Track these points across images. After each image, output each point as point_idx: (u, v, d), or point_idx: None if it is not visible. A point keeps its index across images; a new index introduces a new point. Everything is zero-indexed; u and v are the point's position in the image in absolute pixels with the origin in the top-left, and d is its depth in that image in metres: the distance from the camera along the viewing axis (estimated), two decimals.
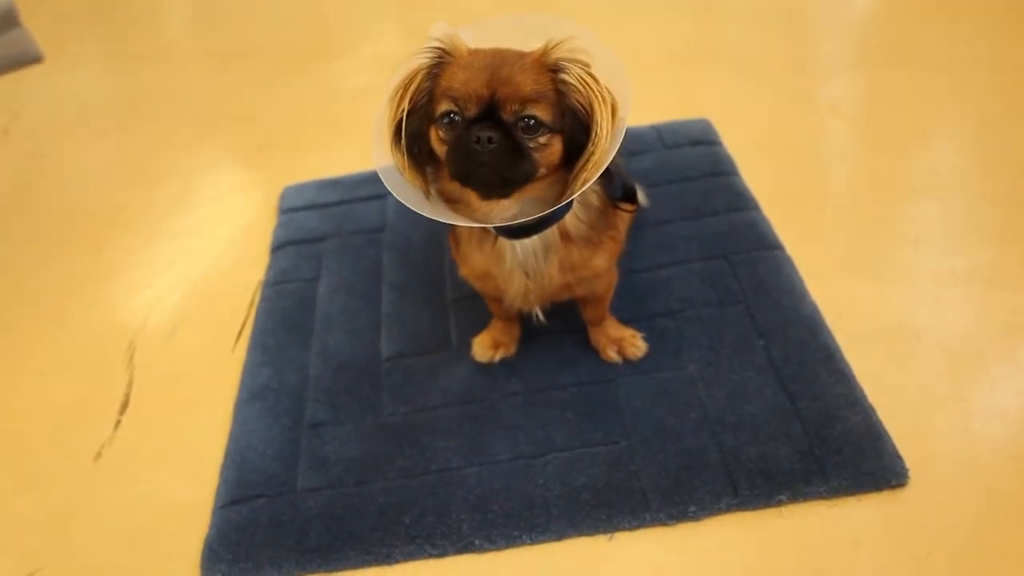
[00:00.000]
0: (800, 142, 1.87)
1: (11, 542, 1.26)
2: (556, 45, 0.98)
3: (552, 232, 1.11)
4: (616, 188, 1.17)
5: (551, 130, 0.98)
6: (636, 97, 1.00)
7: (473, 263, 1.19)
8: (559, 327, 1.42)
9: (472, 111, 0.97)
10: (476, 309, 1.46)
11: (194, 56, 2.74)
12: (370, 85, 2.32)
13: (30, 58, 2.72)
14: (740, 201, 1.65)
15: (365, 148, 2.07)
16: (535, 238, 1.11)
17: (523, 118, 0.96)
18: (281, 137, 2.16)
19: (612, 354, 1.36)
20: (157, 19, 3.02)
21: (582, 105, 0.97)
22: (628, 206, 1.22)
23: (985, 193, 1.62)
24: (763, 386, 1.28)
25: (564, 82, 0.97)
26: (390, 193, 1.03)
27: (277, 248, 1.73)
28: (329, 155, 2.04)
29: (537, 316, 1.29)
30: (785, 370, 1.30)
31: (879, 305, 1.41)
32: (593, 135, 0.97)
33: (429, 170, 1.08)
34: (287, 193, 1.89)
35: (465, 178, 1.00)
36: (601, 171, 0.97)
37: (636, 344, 1.36)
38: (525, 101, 0.96)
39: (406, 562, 1.14)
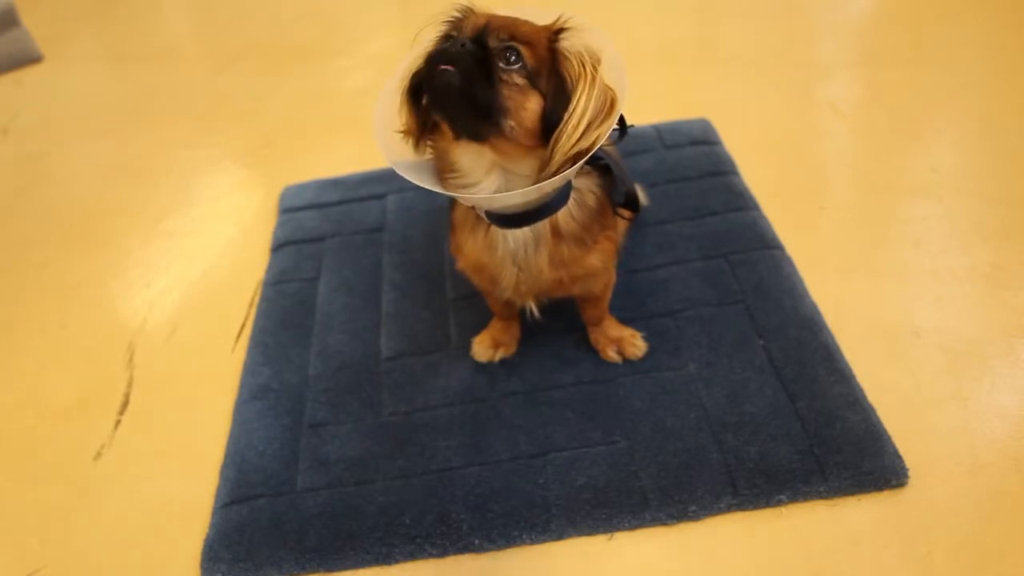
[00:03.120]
0: (800, 141, 1.87)
1: (11, 542, 1.26)
2: (568, 19, 1.00)
3: (543, 226, 1.11)
4: (619, 194, 1.17)
5: (530, 79, 0.97)
6: (636, 97, 1.00)
7: (467, 251, 1.19)
8: (559, 327, 1.42)
9: (466, 34, 0.97)
10: (476, 309, 1.46)
11: (194, 56, 2.74)
12: (370, 85, 2.32)
13: (30, 58, 2.73)
14: (740, 201, 1.65)
15: (365, 147, 2.08)
16: (526, 230, 1.11)
17: (507, 48, 0.96)
18: (281, 136, 2.16)
19: (612, 354, 1.35)
20: (157, 19, 3.02)
21: (570, 77, 0.97)
22: (627, 213, 1.22)
23: (985, 193, 1.62)
24: (763, 386, 1.28)
25: (560, 50, 0.98)
26: (390, 193, 1.03)
27: (277, 248, 1.73)
28: (329, 155, 2.04)
29: (531, 312, 1.28)
30: (785, 370, 1.30)
31: (879, 304, 1.41)
32: (572, 106, 0.96)
33: (429, 143, 1.07)
34: (287, 193, 1.89)
35: (431, 81, 0.97)
36: (577, 150, 0.95)
37: (636, 344, 1.36)
38: (514, 36, 0.97)
39: (406, 562, 1.14)
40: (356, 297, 1.58)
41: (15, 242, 1.93)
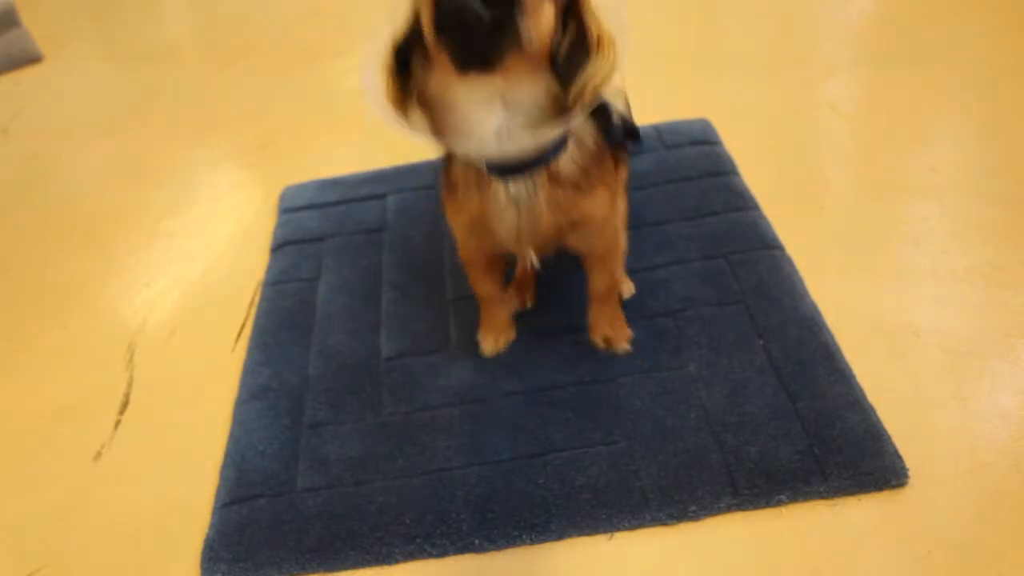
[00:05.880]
0: (800, 142, 1.87)
1: (11, 542, 1.26)
2: None
3: (542, 169, 1.10)
4: (616, 134, 1.16)
5: None
6: (636, 97, 1.00)
7: (469, 206, 1.16)
8: (559, 327, 1.42)
9: None
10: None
11: (194, 56, 2.74)
12: None
13: (30, 58, 2.73)
14: (740, 201, 1.65)
15: (365, 147, 2.08)
16: (527, 175, 1.10)
17: None
18: (281, 136, 2.16)
19: (598, 338, 1.36)
20: (157, 19, 3.02)
21: (593, 33, 0.97)
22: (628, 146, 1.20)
23: (985, 193, 1.62)
24: (763, 386, 1.28)
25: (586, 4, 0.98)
26: (390, 193, 1.03)
27: (277, 248, 1.73)
28: (329, 155, 2.04)
29: (532, 264, 1.26)
30: (785, 370, 1.30)
31: (879, 304, 1.41)
32: (596, 61, 0.96)
33: (421, 114, 1.06)
34: (287, 193, 1.89)
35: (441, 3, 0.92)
36: (594, 99, 0.96)
37: (624, 341, 1.36)
38: None
39: (406, 562, 1.14)
40: (356, 297, 1.58)
41: (15, 241, 1.93)
